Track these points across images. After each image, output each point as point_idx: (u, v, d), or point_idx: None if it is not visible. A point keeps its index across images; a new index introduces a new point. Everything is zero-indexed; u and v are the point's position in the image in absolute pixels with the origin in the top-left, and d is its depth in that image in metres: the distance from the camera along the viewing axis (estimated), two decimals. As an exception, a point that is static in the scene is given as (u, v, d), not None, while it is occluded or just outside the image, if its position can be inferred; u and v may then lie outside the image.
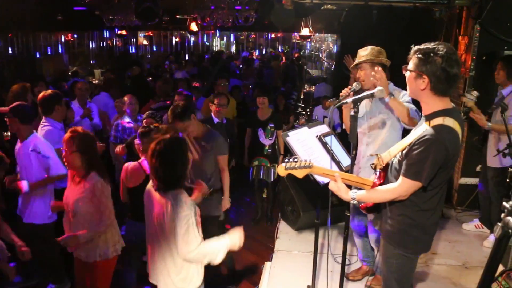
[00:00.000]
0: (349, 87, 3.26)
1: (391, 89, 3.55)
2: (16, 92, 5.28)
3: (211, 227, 4.22)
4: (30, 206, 4.00)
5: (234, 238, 2.80)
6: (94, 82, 10.04)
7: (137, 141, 3.94)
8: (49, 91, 4.42)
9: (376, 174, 2.69)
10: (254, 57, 17.66)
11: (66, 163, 3.22)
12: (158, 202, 2.67)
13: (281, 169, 2.56)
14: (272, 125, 5.71)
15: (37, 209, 3.99)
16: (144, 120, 4.70)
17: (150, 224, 2.80)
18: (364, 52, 3.54)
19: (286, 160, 2.54)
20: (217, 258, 2.70)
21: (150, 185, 2.81)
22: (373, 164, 2.67)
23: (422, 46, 2.38)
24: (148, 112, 4.89)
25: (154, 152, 2.63)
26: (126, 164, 3.87)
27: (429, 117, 2.40)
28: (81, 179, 3.19)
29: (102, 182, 3.18)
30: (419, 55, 2.35)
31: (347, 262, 3.51)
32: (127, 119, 5.29)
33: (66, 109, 4.65)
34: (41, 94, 4.35)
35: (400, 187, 2.42)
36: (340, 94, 3.23)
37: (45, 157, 3.87)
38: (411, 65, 2.42)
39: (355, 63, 3.63)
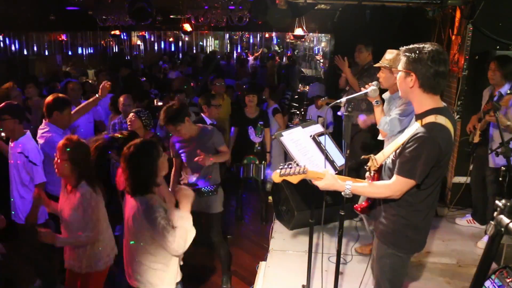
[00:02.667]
0: (370, 84, 3.26)
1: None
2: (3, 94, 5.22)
3: (216, 223, 4.29)
4: (15, 205, 3.98)
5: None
6: (90, 82, 9.99)
7: None
8: (56, 95, 4.29)
9: (370, 175, 2.70)
10: (252, 57, 17.60)
11: (56, 170, 3.18)
12: (129, 205, 2.71)
13: (276, 176, 2.56)
14: (262, 123, 5.77)
15: (22, 208, 3.95)
16: (128, 119, 4.65)
17: (124, 227, 2.82)
18: (389, 56, 3.67)
19: (281, 167, 2.55)
20: (190, 230, 2.65)
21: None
22: (367, 166, 2.68)
23: (410, 46, 2.41)
24: (134, 110, 4.83)
25: (123, 156, 2.68)
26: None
27: (420, 116, 2.41)
28: (73, 188, 3.17)
29: (91, 192, 3.13)
30: (406, 54, 2.38)
31: (342, 261, 3.52)
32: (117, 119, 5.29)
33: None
34: (48, 98, 4.21)
35: (394, 185, 2.43)
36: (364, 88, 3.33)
37: (31, 163, 3.79)
38: (399, 65, 2.45)
39: (377, 64, 3.77)
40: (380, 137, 3.79)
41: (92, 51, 14.60)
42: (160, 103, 7.84)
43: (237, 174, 5.84)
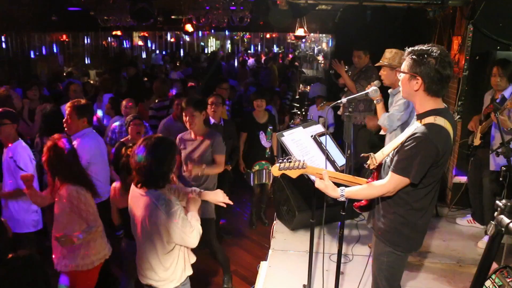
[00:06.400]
0: (373, 83, 3.38)
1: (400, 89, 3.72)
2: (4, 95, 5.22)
3: (208, 230, 4.27)
4: (10, 213, 3.89)
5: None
6: (91, 82, 10.02)
7: None
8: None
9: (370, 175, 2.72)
10: (252, 59, 17.57)
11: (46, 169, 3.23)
12: (142, 204, 2.68)
13: (275, 169, 2.60)
14: (271, 127, 5.71)
15: (19, 217, 3.88)
16: (130, 128, 4.64)
17: (134, 227, 2.81)
18: (389, 55, 3.89)
19: (280, 161, 2.57)
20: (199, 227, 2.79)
21: (132, 189, 2.80)
22: (367, 164, 2.69)
23: (416, 47, 2.40)
24: (131, 116, 4.79)
25: (145, 145, 2.62)
26: (114, 184, 3.67)
27: (421, 116, 2.44)
28: (60, 186, 3.18)
29: (77, 189, 3.14)
30: (413, 57, 2.37)
31: (342, 260, 3.53)
32: (118, 122, 5.29)
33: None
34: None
35: (389, 182, 2.46)
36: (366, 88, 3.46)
37: (18, 168, 3.73)
38: (404, 66, 2.44)
39: (378, 64, 3.99)
40: (382, 132, 4.08)
41: (94, 51, 14.64)
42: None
43: (248, 182, 5.76)
